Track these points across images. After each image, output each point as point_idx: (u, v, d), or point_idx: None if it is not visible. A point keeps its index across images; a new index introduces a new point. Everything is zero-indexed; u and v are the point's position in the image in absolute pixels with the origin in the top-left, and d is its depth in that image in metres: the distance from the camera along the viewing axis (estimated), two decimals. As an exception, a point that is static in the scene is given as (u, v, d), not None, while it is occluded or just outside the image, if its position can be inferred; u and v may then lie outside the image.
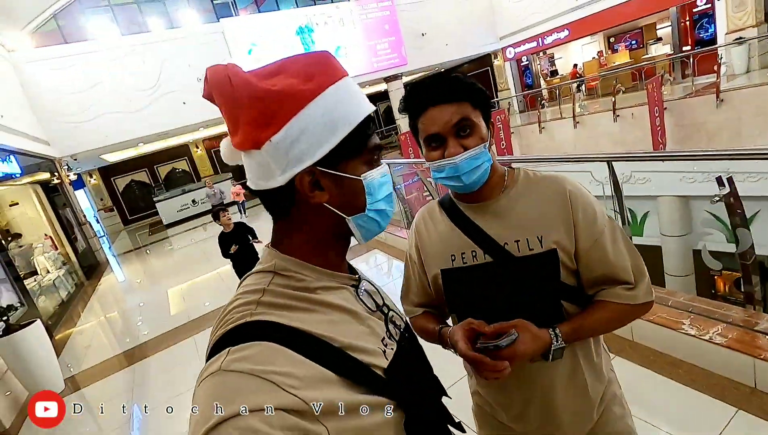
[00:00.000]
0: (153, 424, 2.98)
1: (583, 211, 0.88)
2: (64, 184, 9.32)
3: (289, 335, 0.50)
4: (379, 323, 0.63)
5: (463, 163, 0.85)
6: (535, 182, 0.93)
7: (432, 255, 0.98)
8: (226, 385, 0.44)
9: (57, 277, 6.88)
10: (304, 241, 0.60)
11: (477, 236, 0.92)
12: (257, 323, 0.51)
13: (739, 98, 7.56)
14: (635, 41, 15.34)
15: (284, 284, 0.56)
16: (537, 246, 0.87)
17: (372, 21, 13.02)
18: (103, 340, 5.09)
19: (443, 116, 0.84)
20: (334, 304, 0.58)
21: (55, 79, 9.18)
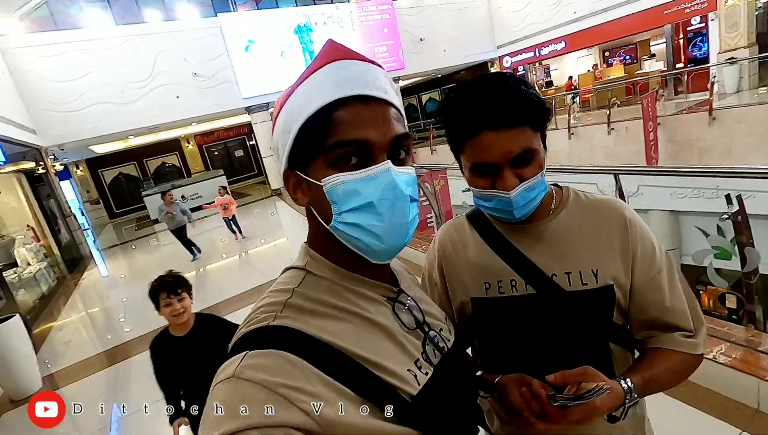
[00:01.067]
0: (134, 427, 2.87)
1: (642, 243, 0.77)
2: (49, 174, 9.07)
3: (309, 346, 0.47)
4: (415, 343, 0.57)
5: (519, 197, 0.72)
6: (588, 206, 0.81)
7: (461, 280, 0.85)
8: (236, 394, 0.43)
9: (38, 269, 6.67)
10: (324, 243, 0.56)
11: (519, 263, 0.79)
12: (279, 329, 0.49)
13: (731, 117, 7.69)
14: (629, 56, 15.60)
15: (314, 285, 0.54)
16: (591, 280, 0.76)
17: (371, 24, 13.01)
18: (84, 336, 4.93)
19: (503, 145, 0.69)
20: (364, 316, 0.53)
21: (45, 67, 8.96)
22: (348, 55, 0.52)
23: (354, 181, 0.49)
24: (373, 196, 0.49)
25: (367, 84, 0.50)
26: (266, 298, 0.54)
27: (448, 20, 14.58)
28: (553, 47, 14.32)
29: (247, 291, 4.84)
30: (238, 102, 11.39)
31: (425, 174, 4.67)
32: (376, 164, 0.50)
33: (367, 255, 0.53)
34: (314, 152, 0.50)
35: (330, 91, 0.49)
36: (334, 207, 0.51)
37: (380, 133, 0.50)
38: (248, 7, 12.47)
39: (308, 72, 0.52)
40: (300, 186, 0.54)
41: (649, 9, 11.32)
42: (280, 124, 0.53)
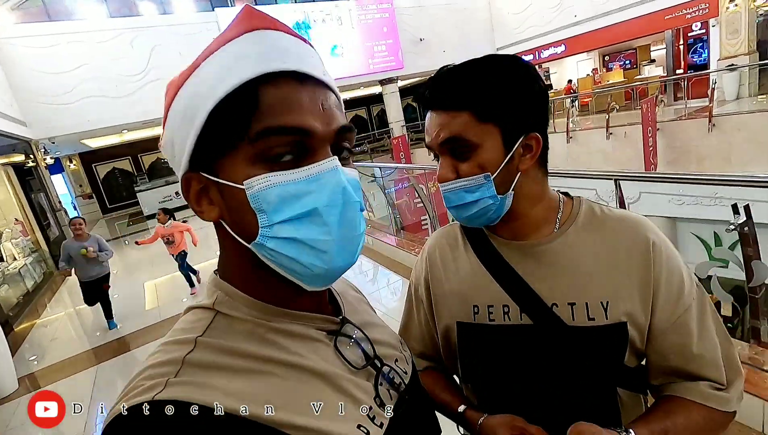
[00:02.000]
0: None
1: (668, 274, 0.63)
2: (39, 167, 8.90)
3: (212, 429, 0.34)
4: (365, 386, 0.46)
5: (449, 194, 0.65)
6: (604, 223, 0.67)
7: (447, 299, 0.74)
8: None
9: (23, 265, 6.51)
10: (241, 271, 0.43)
11: (514, 287, 0.66)
12: (165, 406, 0.34)
13: (730, 124, 7.64)
14: (629, 61, 15.60)
15: (226, 330, 0.41)
16: (600, 315, 0.63)
17: (371, 22, 12.92)
18: (69, 333, 4.80)
19: (433, 127, 0.64)
20: (295, 363, 0.41)
21: (36, 58, 8.79)
22: (274, 25, 0.40)
23: (291, 182, 0.38)
24: (318, 201, 0.38)
25: (303, 60, 0.39)
26: (158, 352, 0.40)
27: (449, 21, 14.52)
28: (553, 50, 14.28)
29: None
30: (234, 98, 11.27)
31: (420, 175, 4.57)
32: (318, 161, 0.39)
33: (303, 280, 0.41)
34: (230, 144, 0.38)
35: (254, 63, 0.37)
36: (261, 217, 0.38)
37: (323, 122, 0.39)
38: (246, 2, 12.31)
39: (218, 42, 0.40)
40: (206, 194, 0.41)
41: (650, 14, 11.28)
42: (178, 113, 0.40)
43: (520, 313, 0.66)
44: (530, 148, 0.64)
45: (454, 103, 0.61)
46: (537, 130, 0.64)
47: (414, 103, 11.92)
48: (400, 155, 12.29)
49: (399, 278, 4.09)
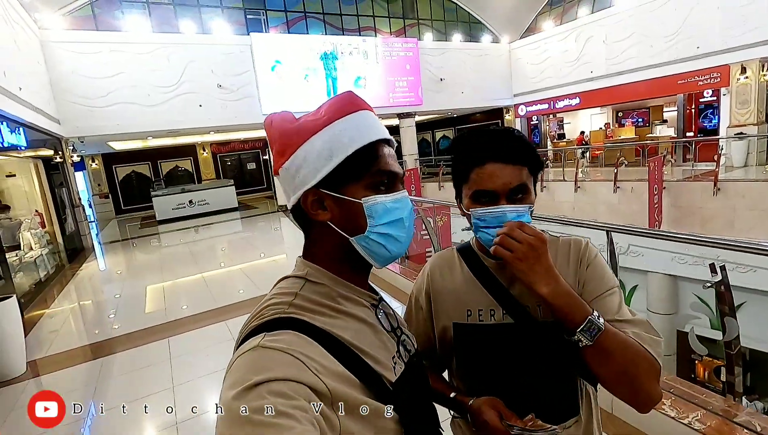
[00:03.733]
0: (108, 424, 2.86)
1: (593, 264, 0.86)
2: (66, 163, 9.29)
3: (317, 333, 0.56)
4: (392, 342, 0.67)
5: (511, 215, 0.82)
6: (559, 245, 0.91)
7: (445, 306, 0.94)
8: (263, 357, 0.50)
9: (39, 255, 6.74)
10: (324, 256, 0.65)
11: (499, 294, 0.88)
12: (291, 319, 0.57)
13: (735, 190, 7.81)
14: (642, 119, 15.98)
15: (314, 290, 0.62)
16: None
17: (395, 59, 13.51)
18: (72, 327, 4.94)
19: (504, 176, 0.81)
20: (356, 315, 0.63)
21: (78, 63, 9.35)
22: (368, 107, 0.66)
23: (391, 201, 0.63)
24: (402, 214, 0.64)
25: (386, 131, 0.66)
26: (270, 299, 0.61)
27: (469, 64, 15.11)
28: (567, 102, 14.74)
29: (242, 302, 4.87)
30: (258, 117, 11.71)
31: (428, 208, 4.76)
32: (398, 191, 0.65)
33: (377, 260, 0.65)
34: (357, 176, 0.61)
35: (373, 132, 0.63)
36: (370, 220, 0.62)
37: (399, 168, 0.66)
38: (280, 30, 13.01)
39: (339, 113, 0.63)
40: (321, 204, 0.63)
41: (663, 77, 11.72)
42: (313, 152, 0.61)
43: (503, 314, 0.87)
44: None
45: (521, 159, 0.83)
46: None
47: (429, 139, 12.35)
48: (411, 187, 12.56)
49: (399, 305, 4.22)
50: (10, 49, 6.67)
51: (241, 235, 10.79)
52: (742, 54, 9.96)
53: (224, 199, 14.26)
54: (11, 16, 7.00)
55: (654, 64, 11.80)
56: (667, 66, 11.52)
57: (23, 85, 6.73)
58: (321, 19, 13.59)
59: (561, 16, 14.83)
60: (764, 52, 9.64)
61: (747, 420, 1.95)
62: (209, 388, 3.09)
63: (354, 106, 0.64)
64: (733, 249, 2.37)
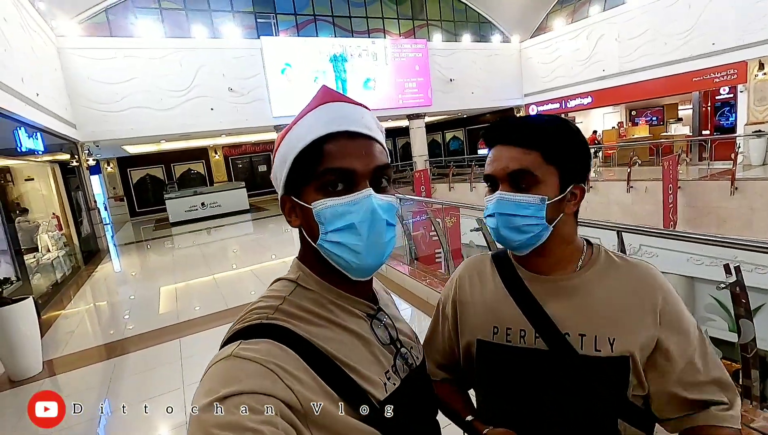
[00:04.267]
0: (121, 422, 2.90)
1: (677, 325, 0.72)
2: (81, 167, 9.49)
3: (298, 343, 0.53)
4: (387, 356, 0.63)
5: (504, 202, 0.72)
6: (618, 267, 0.76)
7: (472, 319, 0.83)
8: (231, 368, 0.48)
9: (56, 257, 6.89)
10: (313, 260, 0.62)
11: (533, 313, 0.75)
12: (272, 326, 0.54)
13: (753, 189, 7.62)
14: (656, 117, 15.72)
15: (303, 296, 0.60)
16: (606, 348, 0.70)
17: (404, 60, 13.52)
18: (87, 327, 5.03)
19: (503, 159, 0.73)
20: (345, 326, 0.59)
21: (94, 68, 9.56)
22: (338, 98, 0.60)
23: (339, 205, 0.56)
24: (355, 218, 0.56)
25: (354, 122, 0.58)
26: (259, 302, 0.60)
27: (479, 64, 15.05)
28: (579, 101, 14.58)
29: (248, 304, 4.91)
30: (268, 120, 11.83)
31: (438, 209, 4.74)
32: (357, 192, 0.56)
33: (348, 272, 0.59)
34: (306, 179, 0.57)
35: (322, 127, 0.57)
36: (321, 227, 0.57)
37: (363, 164, 0.57)
38: (289, 33, 13.12)
39: (303, 112, 0.60)
40: (294, 210, 0.60)
41: (677, 75, 11.51)
42: (279, 156, 0.60)
43: (535, 339, 0.74)
44: (575, 196, 0.75)
45: (529, 142, 0.71)
46: (582, 183, 0.76)
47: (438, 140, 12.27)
48: (421, 188, 12.54)
49: (408, 306, 4.21)
50: (27, 55, 6.84)
51: (252, 236, 10.89)
52: (760, 50, 9.74)
53: (236, 201, 14.41)
54: (29, 24, 7.18)
55: (668, 62, 11.61)
56: (682, 63, 11.32)
57: (40, 91, 6.90)
58: (330, 22, 13.67)
59: (572, 15, 14.69)
60: (783, 48, 9.41)
61: (764, 425, 1.90)
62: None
63: (314, 102, 0.60)
64: (747, 249, 2.32)
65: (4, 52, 5.62)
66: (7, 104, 5.41)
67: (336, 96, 0.60)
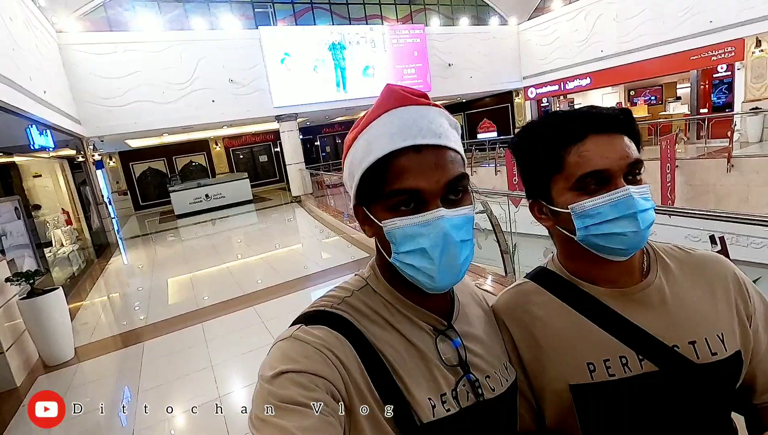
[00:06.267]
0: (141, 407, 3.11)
1: (759, 299, 0.70)
2: (88, 162, 9.62)
3: (355, 336, 0.55)
4: (449, 378, 0.59)
5: (641, 198, 0.62)
6: (686, 261, 0.71)
7: (549, 364, 0.69)
8: (290, 348, 0.53)
9: (71, 250, 7.08)
10: (385, 265, 0.61)
11: (629, 335, 0.65)
12: (334, 315, 0.57)
13: (749, 166, 7.77)
14: (654, 97, 15.73)
15: (370, 296, 0.61)
16: (720, 349, 0.64)
17: (402, 46, 13.51)
18: (111, 316, 5.24)
19: (615, 148, 0.62)
20: (406, 335, 0.59)
21: (95, 63, 9.63)
22: (404, 101, 0.55)
23: (408, 226, 0.53)
24: (426, 242, 0.53)
25: (420, 132, 0.53)
26: (330, 291, 0.63)
27: (477, 48, 15.02)
28: (578, 82, 14.59)
29: (268, 288, 5.10)
30: (269, 110, 11.91)
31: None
32: (429, 211, 0.53)
33: (422, 285, 0.57)
34: (375, 197, 0.55)
35: (387, 141, 0.53)
36: (392, 246, 0.55)
37: (432, 181, 0.52)
38: (287, 23, 13.10)
39: (367, 120, 0.57)
40: (367, 220, 0.58)
41: (675, 54, 11.54)
42: (348, 166, 0.59)
43: (640, 362, 0.65)
44: None
45: (623, 129, 0.64)
46: None
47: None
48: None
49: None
50: (33, 53, 6.92)
51: (258, 226, 11.07)
52: (757, 27, 9.77)
53: (239, 192, 14.56)
54: (31, 21, 7.24)
55: (666, 41, 11.61)
56: (680, 42, 11.33)
57: (47, 89, 7.00)
58: (328, 9, 13.64)
59: (570, -5, 14.60)
60: (780, 24, 9.46)
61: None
62: (245, 366, 3.33)
63: (380, 108, 0.55)
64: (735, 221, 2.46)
65: (13, 51, 5.72)
66: (20, 102, 5.54)
67: (402, 98, 0.55)
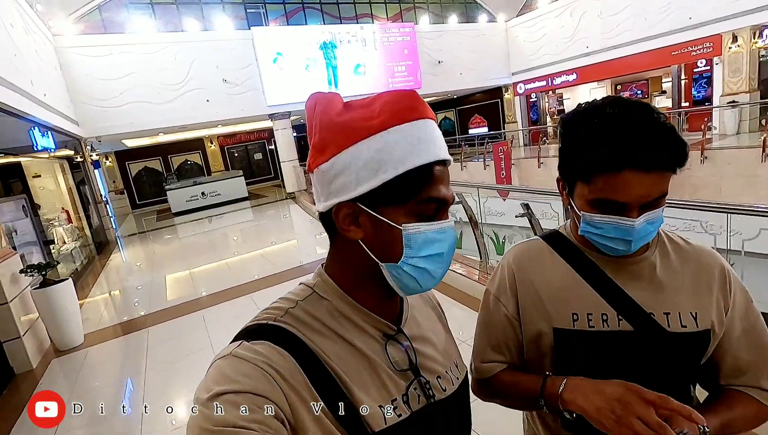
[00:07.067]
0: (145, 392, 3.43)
1: (740, 293, 0.79)
2: (86, 162, 9.87)
3: (299, 349, 0.53)
4: (399, 384, 0.58)
5: (641, 228, 0.69)
6: (684, 249, 0.81)
7: (540, 307, 0.81)
8: (229, 367, 0.49)
9: (73, 247, 7.36)
10: (345, 271, 0.60)
11: (615, 296, 0.76)
12: (276, 328, 0.54)
13: (722, 158, 8.16)
14: (641, 91, 16.10)
15: (316, 304, 0.59)
16: (691, 323, 0.75)
17: (392, 44, 13.78)
18: (115, 307, 5.53)
19: (643, 188, 0.66)
20: (352, 343, 0.57)
21: (91, 65, 9.87)
22: (428, 114, 0.56)
23: (434, 231, 0.55)
24: (443, 248, 0.56)
25: (444, 148, 0.56)
26: (273, 303, 0.60)
27: (466, 45, 15.31)
28: (565, 78, 14.93)
29: (263, 278, 5.42)
30: (263, 109, 12.18)
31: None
32: (445, 219, 0.56)
33: (402, 290, 0.57)
34: (403, 199, 0.53)
35: (432, 151, 0.54)
36: (407, 250, 0.54)
37: (450, 194, 0.57)
38: (279, 23, 13.34)
39: (398, 119, 0.53)
40: (355, 220, 0.55)
41: (657, 49, 11.90)
42: (360, 159, 0.53)
43: (618, 321, 0.75)
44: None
45: (667, 165, 0.65)
46: None
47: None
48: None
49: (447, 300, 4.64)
50: (32, 57, 7.17)
51: (255, 222, 11.35)
52: (733, 23, 10.14)
53: (235, 189, 14.83)
54: (30, 26, 7.47)
55: (648, 37, 11.98)
56: (662, 38, 11.70)
57: (47, 91, 7.26)
58: (318, 9, 13.87)
59: (556, -8, 14.91)
60: (755, 20, 9.81)
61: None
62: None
63: (414, 112, 0.54)
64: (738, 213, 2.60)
65: (15, 57, 5.97)
66: (24, 106, 5.81)
67: (427, 110, 0.56)
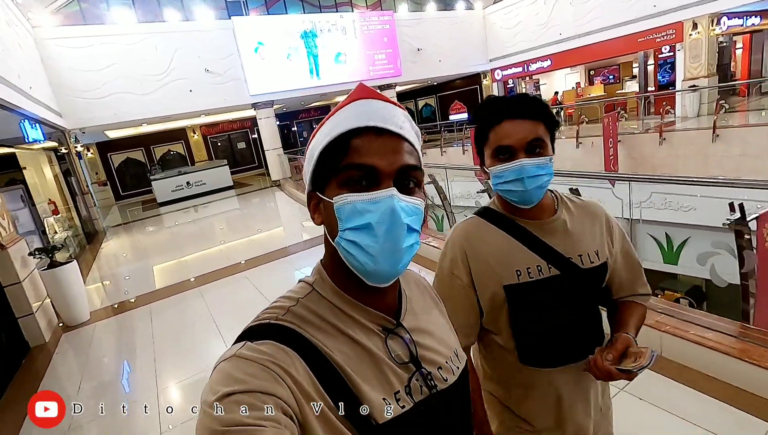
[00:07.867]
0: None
1: (617, 229, 1.05)
2: (71, 154, 9.98)
3: (303, 346, 0.53)
4: (401, 376, 0.59)
5: (529, 167, 0.88)
6: (579, 205, 1.04)
7: (490, 271, 0.97)
8: (233, 368, 0.49)
9: (66, 236, 7.59)
10: (332, 265, 0.61)
11: (543, 250, 0.95)
12: (279, 326, 0.55)
13: (679, 139, 8.78)
14: (613, 76, 16.74)
15: (317, 302, 0.59)
16: (596, 259, 0.98)
17: (372, 33, 14.01)
18: (116, 288, 5.83)
19: (519, 131, 0.88)
20: (354, 338, 0.58)
21: (72, 57, 9.90)
22: (371, 95, 0.58)
23: (359, 201, 0.53)
24: (372, 218, 0.53)
25: (383, 119, 0.56)
26: (274, 302, 0.60)
27: (445, 33, 15.63)
28: (540, 64, 15.42)
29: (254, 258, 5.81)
30: (246, 98, 12.35)
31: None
32: (379, 190, 0.54)
33: (364, 276, 0.56)
34: (330, 173, 0.55)
35: (350, 121, 0.55)
36: (339, 223, 0.54)
37: (388, 162, 0.54)
38: (259, 12, 13.42)
39: (336, 109, 0.58)
40: (318, 207, 0.59)
41: (625, 36, 12.46)
42: (308, 152, 0.59)
43: (549, 268, 0.95)
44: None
45: (536, 114, 0.89)
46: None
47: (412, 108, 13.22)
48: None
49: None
50: (17, 51, 7.27)
51: (241, 211, 11.64)
52: (693, 11, 10.73)
53: (219, 178, 15.00)
54: (11, 19, 7.54)
55: (617, 24, 12.50)
56: (629, 25, 12.23)
57: (33, 84, 7.39)
58: (298, -3, 13.97)
59: (530, -20, 15.28)
60: (713, 8, 10.40)
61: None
62: (240, 318, 3.99)
63: (348, 99, 0.58)
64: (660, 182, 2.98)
65: (3, 51, 6.13)
66: (14, 99, 5.99)
67: (370, 93, 0.58)
